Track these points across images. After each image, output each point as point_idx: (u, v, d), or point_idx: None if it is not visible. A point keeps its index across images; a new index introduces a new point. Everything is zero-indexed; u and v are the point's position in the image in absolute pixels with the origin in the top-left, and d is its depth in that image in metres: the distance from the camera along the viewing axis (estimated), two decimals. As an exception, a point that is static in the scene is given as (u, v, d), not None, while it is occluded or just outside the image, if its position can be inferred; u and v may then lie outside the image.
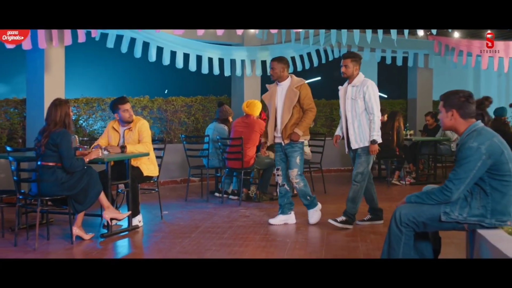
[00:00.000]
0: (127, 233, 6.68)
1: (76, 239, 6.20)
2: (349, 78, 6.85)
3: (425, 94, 13.87)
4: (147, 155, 6.93)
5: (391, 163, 10.82)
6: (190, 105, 11.59)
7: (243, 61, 11.25)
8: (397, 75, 14.78)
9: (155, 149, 7.41)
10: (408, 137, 11.05)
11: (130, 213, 6.70)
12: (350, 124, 6.80)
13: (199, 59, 10.56)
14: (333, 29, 10.27)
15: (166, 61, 10.03)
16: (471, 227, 4.04)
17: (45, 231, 6.47)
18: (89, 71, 17.19)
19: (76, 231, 6.23)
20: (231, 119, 9.42)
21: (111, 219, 6.46)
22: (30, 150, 6.80)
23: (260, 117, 9.00)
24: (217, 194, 9.21)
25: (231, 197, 8.99)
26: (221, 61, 10.92)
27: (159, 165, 7.37)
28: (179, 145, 10.23)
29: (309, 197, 7.06)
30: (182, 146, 9.30)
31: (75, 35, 8.54)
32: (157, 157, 7.39)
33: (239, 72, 11.25)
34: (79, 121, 10.04)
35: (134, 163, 6.92)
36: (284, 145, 6.95)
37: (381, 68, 15.93)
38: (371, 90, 6.69)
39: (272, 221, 7.09)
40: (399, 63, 12.78)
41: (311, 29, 10.17)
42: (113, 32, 9.11)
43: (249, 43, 11.37)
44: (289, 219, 7.13)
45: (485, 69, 12.47)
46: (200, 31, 8.62)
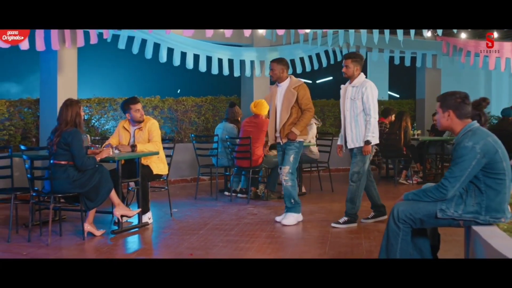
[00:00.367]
0: (137, 229, 6.86)
1: (87, 235, 6.39)
2: (350, 78, 6.98)
3: (433, 94, 13.91)
4: (157, 154, 7.10)
5: (399, 163, 10.94)
6: (200, 105, 11.75)
7: (252, 62, 11.39)
8: (408, 75, 14.85)
9: (165, 148, 7.59)
10: (415, 136, 11.15)
11: (140, 210, 6.88)
12: (347, 123, 6.93)
13: (209, 59, 10.69)
14: (340, 29, 10.37)
15: (176, 62, 10.16)
16: (466, 224, 4.17)
17: (57, 228, 6.65)
18: (101, 72, 17.42)
19: (87, 227, 6.41)
20: (240, 120, 9.60)
21: (122, 216, 6.65)
22: (43, 149, 6.98)
23: (268, 116, 9.15)
24: (227, 193, 9.38)
25: (239, 195, 9.14)
26: (231, 61, 11.05)
27: (169, 164, 7.55)
28: (189, 145, 10.40)
29: (293, 201, 7.09)
30: (192, 145, 9.47)
31: (87, 36, 8.69)
32: (167, 156, 7.56)
33: (248, 72, 11.39)
34: (91, 121, 10.22)
35: (144, 161, 7.09)
36: (282, 144, 7.12)
37: (393, 68, 16.01)
38: (369, 91, 6.80)
39: (278, 219, 7.22)
40: (407, 63, 12.86)
41: (319, 30, 10.27)
42: (124, 33, 9.27)
43: (258, 44, 11.50)
44: (297, 217, 7.27)
45: (493, 69, 12.55)
46: (208, 32, 8.75)
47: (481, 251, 3.78)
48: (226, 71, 10.96)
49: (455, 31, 11.28)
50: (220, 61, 10.87)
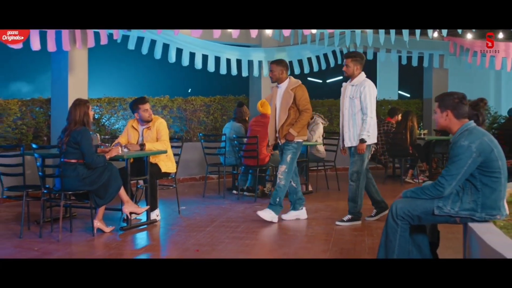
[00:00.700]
0: (145, 226, 7.01)
1: (97, 231, 6.55)
2: (351, 77, 7.09)
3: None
4: (165, 152, 7.25)
5: (405, 162, 11.04)
6: (209, 105, 11.89)
7: (260, 62, 11.49)
8: (419, 75, 14.88)
9: (173, 147, 7.74)
10: (421, 136, 11.25)
11: (148, 207, 7.03)
12: (345, 122, 7.05)
13: (217, 60, 10.81)
14: (346, 29, 10.44)
15: (185, 62, 10.27)
16: (462, 221, 4.29)
17: (68, 224, 6.82)
18: (111, 72, 17.59)
19: (97, 224, 6.57)
20: (248, 119, 9.74)
21: (131, 213, 6.80)
22: (54, 147, 7.10)
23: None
24: (234, 191, 9.51)
25: (246, 193, 9.27)
26: (239, 62, 11.15)
27: (177, 162, 7.70)
28: (198, 144, 10.53)
29: (278, 200, 7.17)
30: (200, 144, 9.61)
31: (97, 37, 8.83)
32: (175, 155, 7.71)
33: (256, 72, 11.51)
34: (101, 120, 10.40)
35: (152, 160, 7.25)
36: (281, 144, 7.25)
37: (403, 68, 16.06)
38: (367, 90, 6.90)
39: (284, 216, 7.37)
40: (415, 63, 12.93)
41: (325, 31, 10.38)
42: (134, 34, 9.40)
43: (266, 44, 11.61)
44: (301, 214, 7.40)
45: (499, 69, 12.61)
46: (216, 33, 8.85)
47: (476, 247, 3.90)
48: (234, 71, 11.06)
49: (459, 31, 11.33)
50: (228, 61, 10.97)
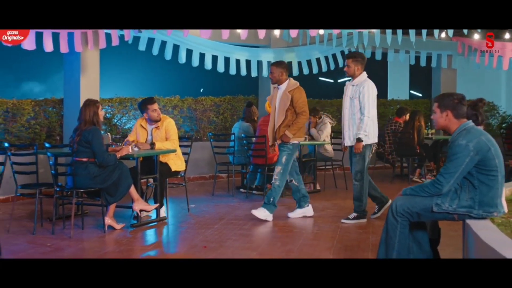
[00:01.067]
0: (155, 223, 7.18)
1: (108, 228, 6.72)
2: (352, 77, 7.21)
3: (448, 94, 14.01)
4: (174, 151, 7.41)
5: (413, 161, 11.15)
6: (219, 105, 12.03)
7: (269, 63, 11.58)
8: (431, 75, 14.94)
9: (183, 146, 7.90)
10: (429, 135, 11.34)
11: (158, 205, 7.19)
12: (346, 121, 7.17)
13: (227, 60, 10.95)
14: (353, 29, 10.53)
15: (195, 62, 10.40)
16: (460, 218, 4.41)
17: (80, 221, 6.99)
18: (122, 73, 17.78)
19: (108, 221, 6.74)
20: (256, 119, 9.88)
21: (141, 211, 6.97)
22: (66, 146, 7.26)
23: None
24: (243, 189, 9.65)
25: (255, 192, 9.41)
26: (248, 62, 11.26)
27: (186, 161, 7.86)
28: (208, 143, 10.65)
29: (272, 199, 7.29)
30: (210, 143, 9.75)
31: (109, 38, 8.98)
32: (185, 154, 7.87)
33: (265, 73, 11.58)
34: (113, 120, 10.57)
35: (162, 159, 7.40)
36: (277, 144, 7.38)
37: (415, 68, 16.11)
38: (366, 90, 7.00)
39: (291, 214, 7.51)
40: (423, 63, 13.01)
41: (334, 32, 10.49)
42: (144, 35, 9.56)
43: (275, 45, 11.73)
44: (307, 211, 7.54)
45: (506, 69, 12.67)
46: (225, 34, 8.97)
47: (472, 243, 4.02)
48: (243, 72, 11.18)
49: (465, 31, 11.39)
50: (238, 61, 11.09)
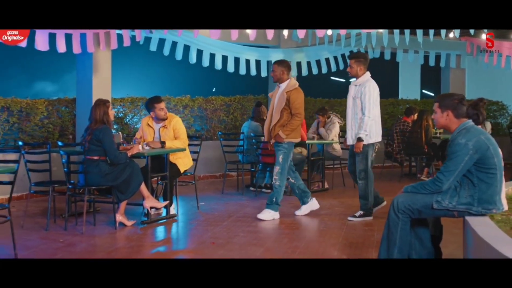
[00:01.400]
0: (165, 220, 7.33)
1: (119, 225, 6.88)
2: (355, 77, 7.30)
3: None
4: (184, 150, 7.55)
5: (421, 160, 11.25)
6: (229, 104, 12.17)
7: (279, 63, 11.73)
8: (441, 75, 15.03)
9: (193, 145, 8.05)
10: (437, 135, 11.43)
11: (168, 202, 7.35)
12: (349, 120, 7.27)
13: (237, 60, 11.09)
14: (360, 29, 10.62)
15: (205, 63, 10.56)
16: (460, 214, 4.53)
17: (92, 218, 7.16)
18: (134, 73, 17.97)
19: (119, 218, 6.90)
20: (265, 119, 9.99)
21: (151, 208, 7.13)
22: (78, 145, 7.41)
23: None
24: (252, 188, 9.79)
25: (264, 190, 9.54)
26: (258, 62, 11.39)
27: (196, 160, 8.00)
28: (218, 142, 10.78)
29: (274, 199, 7.38)
30: (220, 142, 9.89)
31: (120, 39, 9.14)
32: (195, 153, 8.01)
33: (275, 73, 11.74)
34: (124, 119, 10.74)
35: (171, 159, 7.53)
36: (272, 143, 7.46)
37: (427, 68, 16.17)
38: (368, 90, 7.08)
39: (297, 212, 7.62)
40: (432, 63, 13.10)
41: (342, 33, 10.59)
42: (155, 36, 9.73)
43: (284, 45, 11.87)
44: (312, 205, 7.65)
45: (503, 67, 12.72)
46: (234, 35, 9.08)
47: (470, 240, 4.14)
48: (253, 72, 11.31)
49: (472, 32, 11.46)
50: (247, 62, 11.22)
